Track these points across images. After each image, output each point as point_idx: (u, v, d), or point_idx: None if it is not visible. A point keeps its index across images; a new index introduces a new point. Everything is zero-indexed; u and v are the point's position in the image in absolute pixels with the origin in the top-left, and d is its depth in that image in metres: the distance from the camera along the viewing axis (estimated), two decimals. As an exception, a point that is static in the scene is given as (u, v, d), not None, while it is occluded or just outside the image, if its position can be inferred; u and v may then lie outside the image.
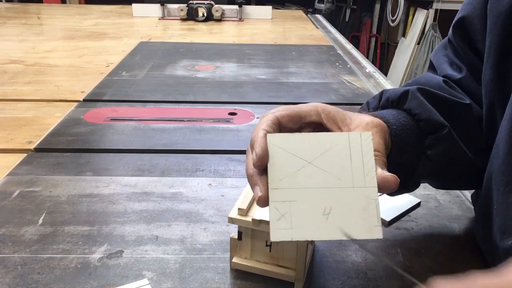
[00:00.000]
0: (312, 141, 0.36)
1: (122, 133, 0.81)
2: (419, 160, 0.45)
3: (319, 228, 0.34)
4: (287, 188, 0.35)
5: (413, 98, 0.46)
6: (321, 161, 0.36)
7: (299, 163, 0.36)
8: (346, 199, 0.35)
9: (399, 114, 0.46)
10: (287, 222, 0.34)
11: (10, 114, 0.89)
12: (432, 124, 0.45)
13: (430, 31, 3.26)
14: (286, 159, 0.36)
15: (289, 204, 0.35)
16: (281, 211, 0.35)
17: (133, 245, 0.51)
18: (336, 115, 0.41)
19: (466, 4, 0.52)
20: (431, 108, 0.46)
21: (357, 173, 0.35)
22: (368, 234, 0.34)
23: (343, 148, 0.36)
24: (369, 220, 0.34)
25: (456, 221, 0.57)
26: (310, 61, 1.35)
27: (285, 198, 0.35)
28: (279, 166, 0.36)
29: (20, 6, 2.42)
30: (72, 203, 0.59)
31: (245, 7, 2.13)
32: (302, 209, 0.34)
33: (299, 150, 0.36)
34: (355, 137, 0.36)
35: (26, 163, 0.69)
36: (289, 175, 0.35)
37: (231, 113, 0.92)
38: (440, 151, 0.45)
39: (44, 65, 1.25)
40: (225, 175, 0.67)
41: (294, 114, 0.40)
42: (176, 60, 1.33)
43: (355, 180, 0.35)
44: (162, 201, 0.60)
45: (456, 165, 0.47)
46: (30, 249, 0.50)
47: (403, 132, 0.44)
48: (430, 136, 0.45)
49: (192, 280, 0.46)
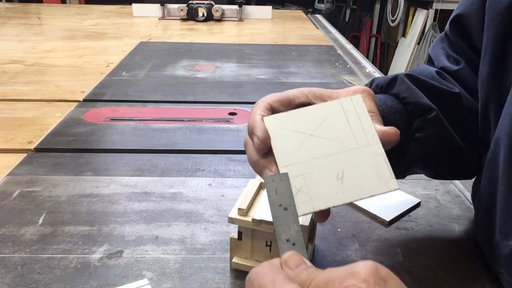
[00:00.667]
0: (307, 114, 0.38)
1: (122, 133, 0.81)
2: (409, 143, 0.45)
3: (337, 194, 0.35)
4: (296, 163, 0.36)
5: (401, 83, 0.47)
6: (321, 131, 0.37)
7: (301, 138, 0.37)
8: (355, 160, 0.36)
9: (386, 98, 0.47)
10: (306, 195, 0.35)
11: (10, 114, 0.89)
12: (419, 107, 0.45)
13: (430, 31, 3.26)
14: (288, 137, 0.37)
15: (302, 177, 0.35)
16: (297, 186, 0.35)
17: (133, 245, 0.51)
18: (323, 93, 0.42)
19: (464, 0, 0.52)
20: (419, 92, 0.46)
21: (358, 134, 0.36)
22: (385, 188, 0.35)
23: (338, 114, 0.37)
24: (382, 174, 0.35)
25: (456, 221, 0.57)
26: (310, 61, 1.35)
27: (297, 173, 0.35)
28: (283, 145, 0.37)
29: (20, 6, 2.42)
30: (72, 203, 0.59)
31: (245, 7, 2.13)
32: (316, 179, 0.35)
33: (297, 125, 0.37)
34: (347, 102, 0.38)
35: (26, 163, 0.69)
36: (295, 150, 0.36)
37: (231, 113, 0.92)
38: (428, 133, 0.45)
39: (44, 65, 1.25)
40: (225, 175, 0.67)
41: (283, 98, 0.42)
42: (176, 60, 1.33)
43: (358, 140, 0.36)
44: (162, 201, 0.60)
45: (446, 149, 0.47)
46: (30, 249, 0.50)
47: (390, 114, 0.45)
48: (418, 119, 0.46)
49: (192, 280, 0.46)
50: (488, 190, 0.45)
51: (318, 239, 0.52)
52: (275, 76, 1.19)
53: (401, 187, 0.63)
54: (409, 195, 0.61)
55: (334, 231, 0.54)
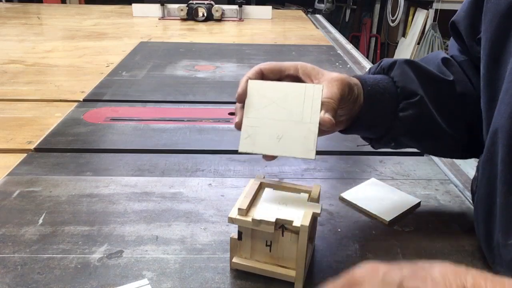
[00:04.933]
0: (280, 87, 0.48)
1: (122, 133, 0.81)
2: (394, 120, 0.52)
3: (271, 147, 0.46)
4: (255, 118, 0.47)
5: (398, 68, 0.54)
6: (282, 102, 0.47)
7: (266, 102, 0.48)
8: (294, 129, 0.46)
9: (382, 79, 0.54)
10: (251, 140, 0.47)
11: (10, 114, 0.89)
12: (406, 91, 0.52)
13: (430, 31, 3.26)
14: (258, 99, 0.48)
15: (254, 128, 0.47)
16: (249, 133, 0.47)
17: (133, 245, 0.51)
18: (312, 72, 0.50)
19: (461, 6, 0.57)
20: (411, 77, 0.53)
21: (306, 112, 0.46)
22: (306, 155, 0.45)
23: (300, 94, 0.47)
24: (308, 145, 0.45)
25: (456, 221, 0.57)
26: (310, 61, 1.34)
27: (252, 124, 0.47)
28: (252, 103, 0.48)
29: (20, 6, 2.42)
30: (72, 203, 0.59)
31: (245, 7, 2.13)
32: (263, 133, 0.47)
33: (269, 93, 0.48)
34: (309, 87, 0.47)
35: (26, 163, 0.69)
36: (258, 109, 0.48)
37: (231, 113, 0.92)
38: (410, 114, 0.52)
39: (44, 65, 1.25)
40: (225, 175, 0.67)
41: (275, 67, 0.51)
42: (176, 60, 1.33)
43: (303, 117, 0.46)
44: (162, 201, 0.60)
45: (426, 129, 0.54)
46: (30, 249, 0.50)
47: (378, 93, 0.52)
48: (404, 101, 0.52)
49: (192, 280, 0.46)
50: (487, 190, 0.45)
51: (318, 239, 0.52)
52: (275, 76, 1.19)
53: (401, 187, 0.63)
54: (409, 195, 0.61)
55: (334, 231, 0.54)
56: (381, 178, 0.66)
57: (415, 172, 0.69)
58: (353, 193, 0.61)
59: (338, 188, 0.63)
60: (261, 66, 0.51)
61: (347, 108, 0.50)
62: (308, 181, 0.66)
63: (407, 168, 0.70)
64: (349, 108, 0.50)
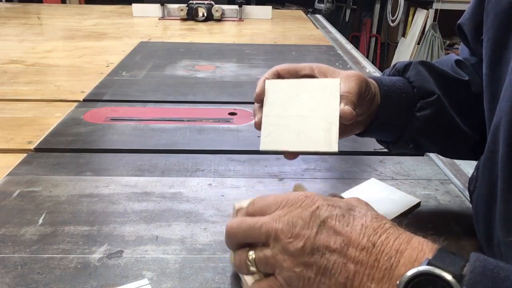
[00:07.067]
0: (297, 84, 0.49)
1: (122, 133, 0.81)
2: (412, 120, 0.53)
3: (293, 143, 0.46)
4: (274, 116, 0.48)
5: (413, 69, 0.55)
6: (301, 98, 0.48)
7: (284, 99, 0.48)
8: (315, 124, 0.46)
9: (398, 80, 0.55)
10: (272, 137, 0.47)
11: (10, 114, 0.89)
12: (423, 91, 0.53)
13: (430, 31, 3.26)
14: (277, 97, 0.48)
15: (274, 126, 0.47)
16: (269, 131, 0.47)
17: (133, 245, 0.51)
18: (327, 70, 0.51)
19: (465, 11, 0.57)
20: (427, 78, 0.53)
21: (325, 106, 0.46)
22: (328, 148, 0.45)
23: (318, 89, 0.47)
24: (329, 138, 0.45)
25: (456, 221, 0.57)
26: (310, 61, 1.34)
27: (272, 122, 0.47)
28: (271, 101, 0.49)
29: (20, 6, 2.42)
30: (72, 203, 0.59)
31: (245, 7, 2.13)
32: (283, 130, 0.47)
33: (287, 90, 0.48)
34: (327, 82, 0.48)
35: (26, 163, 0.69)
36: (277, 107, 0.48)
37: (231, 113, 0.92)
38: (428, 114, 0.52)
39: (44, 65, 1.25)
40: (225, 175, 0.67)
41: (291, 68, 0.51)
42: (176, 60, 1.33)
43: (322, 111, 0.46)
44: (162, 201, 0.60)
45: (444, 128, 0.54)
46: (30, 249, 0.50)
47: (395, 93, 0.53)
48: (421, 101, 0.53)
49: (192, 280, 0.46)
50: (487, 188, 0.45)
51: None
52: (275, 76, 1.19)
53: (401, 187, 0.63)
54: (409, 195, 0.61)
55: (334, 231, 0.54)
56: (381, 178, 0.66)
57: (415, 172, 0.69)
58: (353, 193, 0.61)
59: (338, 188, 0.63)
60: (278, 68, 0.51)
61: (365, 107, 0.51)
62: (308, 181, 0.66)
63: (407, 168, 0.70)
64: (366, 106, 0.51)
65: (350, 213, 0.37)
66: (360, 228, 0.35)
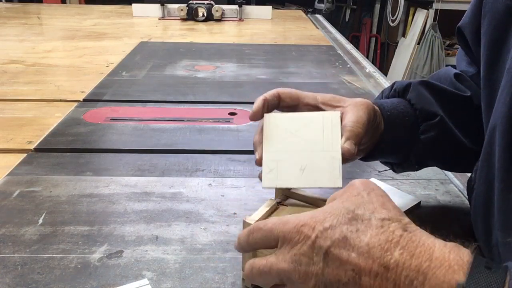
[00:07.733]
0: (297, 118, 0.48)
1: (122, 133, 0.81)
2: (416, 142, 0.52)
3: (296, 180, 0.45)
4: (275, 152, 0.47)
5: (413, 90, 0.54)
6: (301, 133, 0.47)
7: (285, 134, 0.47)
8: (318, 159, 0.45)
9: (399, 103, 0.54)
10: (274, 174, 0.46)
11: (10, 114, 0.89)
12: (426, 113, 0.52)
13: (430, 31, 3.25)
14: (277, 131, 0.48)
15: (276, 162, 0.46)
16: (270, 167, 0.46)
17: (133, 245, 0.51)
18: (331, 100, 0.50)
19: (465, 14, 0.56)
20: (429, 99, 0.53)
21: (327, 141, 0.46)
22: (332, 184, 0.44)
23: (318, 123, 0.47)
24: (333, 174, 0.45)
25: (456, 221, 0.57)
26: (310, 61, 1.35)
27: (274, 158, 0.47)
28: (271, 137, 0.48)
29: (20, 6, 2.42)
30: (72, 203, 0.59)
31: (245, 7, 2.13)
32: (285, 166, 0.46)
33: (287, 124, 0.48)
34: (327, 115, 0.47)
35: (26, 163, 0.69)
36: (278, 142, 0.47)
37: (231, 113, 0.92)
38: (432, 136, 0.52)
39: (44, 65, 1.25)
40: (225, 175, 0.67)
41: (293, 93, 0.51)
42: (176, 60, 1.33)
43: (324, 145, 0.46)
44: (162, 201, 0.60)
45: (448, 148, 0.53)
46: (30, 249, 0.50)
47: (397, 118, 0.52)
48: (424, 123, 0.52)
49: (192, 280, 0.46)
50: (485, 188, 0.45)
51: (318, 239, 0.52)
52: (275, 76, 1.19)
53: (401, 187, 0.63)
54: (409, 195, 0.61)
55: (334, 231, 0.54)
56: (381, 178, 0.66)
57: (415, 172, 0.68)
58: (353, 193, 0.61)
59: (338, 188, 0.63)
60: (279, 90, 0.50)
61: (369, 135, 0.50)
62: (308, 181, 0.66)
63: (407, 168, 0.70)
64: (370, 135, 0.50)
65: (352, 228, 0.33)
66: (367, 250, 0.32)
